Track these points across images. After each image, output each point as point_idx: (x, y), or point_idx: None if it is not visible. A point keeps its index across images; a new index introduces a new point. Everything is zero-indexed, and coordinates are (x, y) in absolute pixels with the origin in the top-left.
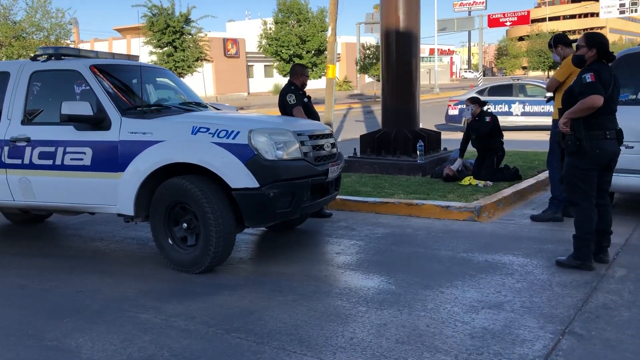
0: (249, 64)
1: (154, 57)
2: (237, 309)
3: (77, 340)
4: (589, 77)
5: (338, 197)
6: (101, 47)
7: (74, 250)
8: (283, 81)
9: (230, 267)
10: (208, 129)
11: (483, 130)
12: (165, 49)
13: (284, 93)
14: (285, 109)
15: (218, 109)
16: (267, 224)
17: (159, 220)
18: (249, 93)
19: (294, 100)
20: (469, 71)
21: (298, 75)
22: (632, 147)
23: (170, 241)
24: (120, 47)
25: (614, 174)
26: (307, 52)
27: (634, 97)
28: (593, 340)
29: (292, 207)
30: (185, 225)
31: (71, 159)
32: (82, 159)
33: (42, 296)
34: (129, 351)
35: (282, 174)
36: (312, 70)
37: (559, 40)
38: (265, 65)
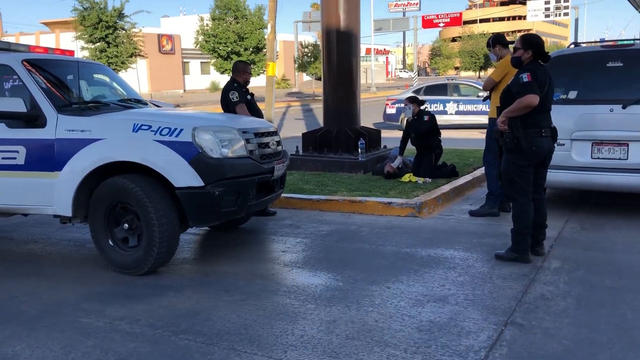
0: (185, 60)
1: (86, 53)
2: (183, 310)
3: (14, 348)
4: (525, 77)
5: (282, 195)
6: (28, 41)
7: (6, 254)
8: (220, 78)
9: (174, 268)
10: (150, 127)
11: (422, 129)
12: (98, 44)
13: (226, 90)
14: (228, 106)
15: (158, 106)
16: (212, 223)
17: (98, 221)
18: (185, 90)
19: (237, 97)
20: (404, 71)
21: (241, 72)
22: (564, 145)
23: (111, 242)
24: (48, 41)
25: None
26: (245, 49)
27: (565, 96)
28: (534, 330)
29: (238, 206)
30: (126, 225)
31: (3, 158)
32: (15, 158)
33: None
34: (72, 357)
35: (228, 172)
36: (252, 68)
37: (497, 40)
38: (202, 62)
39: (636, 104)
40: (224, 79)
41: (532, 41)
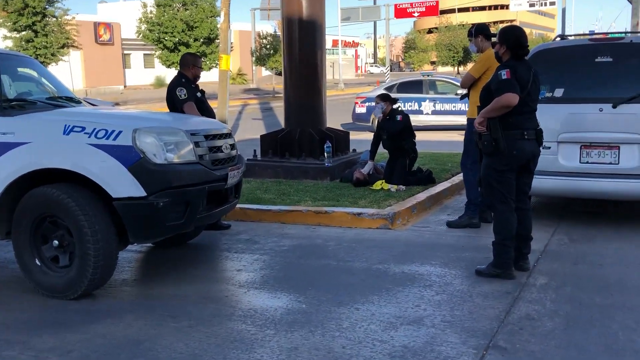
0: (126, 52)
1: (10, 43)
2: (123, 339)
3: None
4: (504, 74)
5: (237, 206)
6: None
7: None
8: (166, 73)
9: (112, 291)
10: (83, 128)
11: (394, 129)
12: (24, 33)
13: (173, 87)
14: (175, 105)
15: (94, 105)
16: (156, 239)
17: (23, 237)
18: (125, 86)
19: (185, 94)
20: (375, 65)
21: (189, 66)
22: (549, 148)
23: (38, 262)
24: None
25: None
26: (195, 40)
27: (550, 94)
28: (518, 354)
29: (186, 219)
30: (56, 242)
31: None
32: None
33: None
34: None
35: (173, 180)
36: (203, 61)
37: (481, 30)
38: (145, 54)
39: (627, 102)
40: (170, 74)
41: (507, 34)
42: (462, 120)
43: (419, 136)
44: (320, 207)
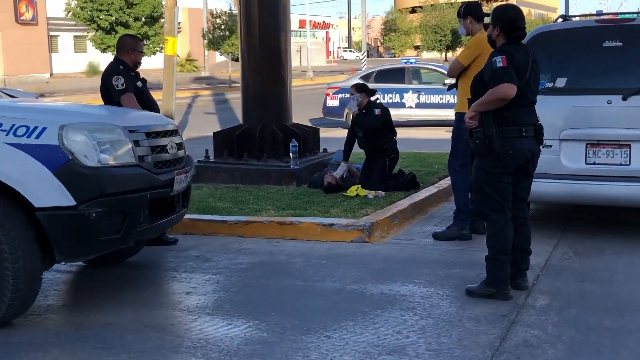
0: (52, 34)
1: None
2: None
3: None
4: (499, 61)
5: (186, 216)
6: None
7: None
8: (101, 58)
9: (35, 319)
10: (0, 125)
11: (372, 125)
12: None
13: (108, 75)
14: (111, 96)
15: (13, 97)
16: (88, 256)
17: None
18: (51, 74)
19: (122, 84)
20: (350, 50)
21: (128, 50)
22: (550, 147)
23: None
24: None
25: None
26: (136, 19)
27: (551, 84)
28: None
29: (123, 233)
30: None
31: None
32: None
33: None
34: None
35: (109, 186)
36: (145, 45)
37: (470, 10)
38: (75, 37)
39: (639, 94)
40: (105, 60)
41: (500, 14)
42: (451, 114)
43: (401, 133)
44: (284, 217)
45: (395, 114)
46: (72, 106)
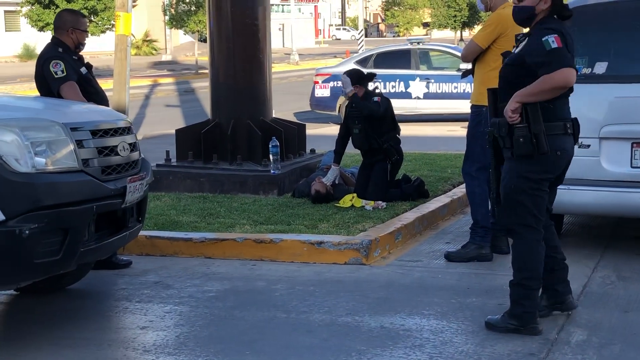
0: None
1: None
2: None
3: None
4: (553, 41)
5: (142, 233)
6: None
7: None
8: (37, 39)
9: None
10: None
11: (372, 112)
12: None
13: (45, 59)
14: (49, 85)
15: None
16: (20, 283)
17: None
18: None
19: (62, 71)
20: (344, 29)
21: (68, 29)
22: (588, 147)
23: None
24: None
25: (561, 189)
26: None
27: (589, 70)
28: None
29: (64, 254)
30: None
31: None
32: None
33: None
34: None
35: (45, 196)
36: (91, 22)
37: None
38: (6, 12)
39: None
40: (43, 40)
41: None
42: (467, 107)
43: (406, 130)
44: (263, 233)
45: (399, 106)
46: (1, 98)
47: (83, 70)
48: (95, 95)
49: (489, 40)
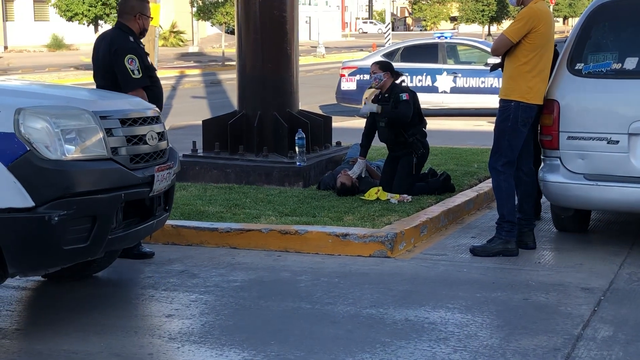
0: None
1: None
2: None
3: None
4: None
5: (169, 222)
6: None
7: None
8: (66, 29)
9: None
10: None
11: (401, 115)
12: None
13: (117, 49)
14: (119, 79)
15: None
16: (48, 269)
17: None
18: (6, 47)
19: (139, 71)
20: (371, 22)
21: (136, 14)
22: (617, 142)
23: None
24: None
25: (589, 184)
26: None
27: (619, 65)
28: None
29: (92, 241)
30: None
31: None
32: None
33: None
34: None
35: (75, 183)
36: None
37: None
38: (35, 2)
39: None
40: (72, 30)
41: None
42: (495, 102)
43: (433, 124)
44: (288, 225)
45: (426, 100)
46: (30, 86)
47: (149, 61)
48: (153, 87)
49: (520, 34)
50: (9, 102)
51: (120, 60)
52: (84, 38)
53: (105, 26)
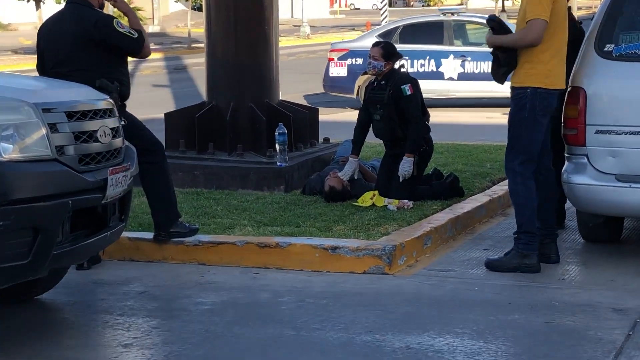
0: None
1: None
2: None
3: None
4: None
5: (125, 234)
6: None
7: None
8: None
9: None
10: None
11: (405, 107)
12: None
13: (97, 21)
14: (121, 47)
15: None
16: None
17: None
18: None
19: (130, 29)
20: None
21: None
22: None
23: None
24: None
25: (622, 187)
26: None
27: None
28: None
29: (34, 257)
30: None
31: None
32: None
33: None
34: None
35: (12, 190)
36: None
37: None
38: None
39: None
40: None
41: None
42: (508, 90)
43: (437, 116)
44: (267, 236)
45: (430, 88)
46: None
47: None
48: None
49: (549, 10)
50: None
51: (110, 28)
52: (23, 17)
53: (48, 3)
